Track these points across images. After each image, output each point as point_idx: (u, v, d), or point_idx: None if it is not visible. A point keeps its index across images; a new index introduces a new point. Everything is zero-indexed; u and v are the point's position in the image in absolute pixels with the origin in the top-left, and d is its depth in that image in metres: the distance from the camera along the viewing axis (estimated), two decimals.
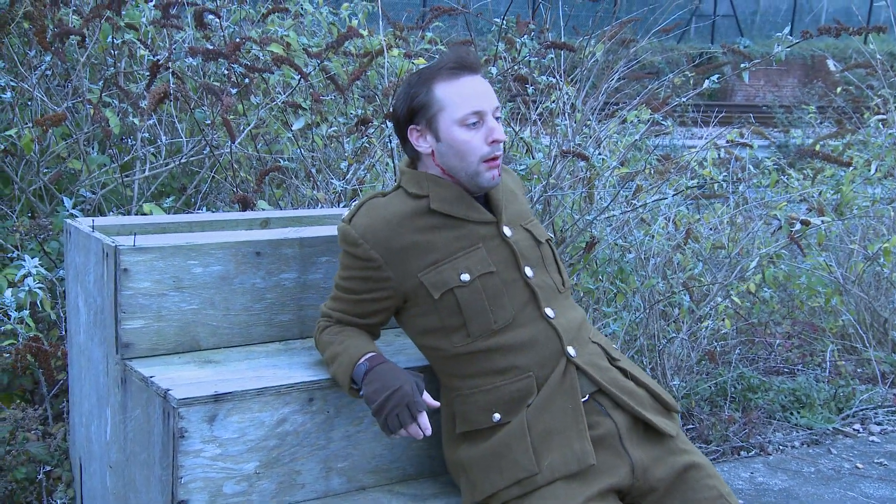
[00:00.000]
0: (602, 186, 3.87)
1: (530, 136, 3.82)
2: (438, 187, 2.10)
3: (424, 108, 2.08)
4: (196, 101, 3.60)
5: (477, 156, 2.06)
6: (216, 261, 2.22)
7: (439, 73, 2.09)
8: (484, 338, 2.04)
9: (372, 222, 2.07)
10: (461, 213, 2.09)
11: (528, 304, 2.07)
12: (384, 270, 2.06)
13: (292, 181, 3.74)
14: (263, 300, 2.30)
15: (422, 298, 2.07)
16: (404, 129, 2.12)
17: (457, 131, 2.06)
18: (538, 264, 2.12)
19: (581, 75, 3.94)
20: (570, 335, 2.08)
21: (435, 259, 2.06)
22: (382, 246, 2.05)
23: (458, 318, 2.05)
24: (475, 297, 2.04)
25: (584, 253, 3.64)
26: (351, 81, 3.41)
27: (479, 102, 2.08)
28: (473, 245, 2.08)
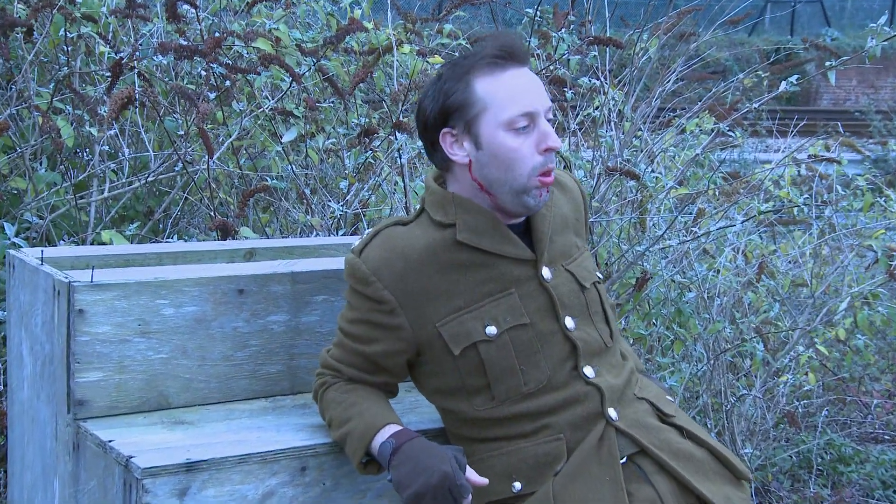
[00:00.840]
0: (656, 211, 3.88)
1: (569, 150, 3.85)
2: (467, 213, 2.10)
3: (463, 107, 2.06)
4: (166, 108, 3.64)
5: (527, 167, 2.05)
6: (190, 300, 2.24)
7: (480, 64, 2.06)
8: (512, 402, 2.05)
9: (387, 256, 2.08)
10: (494, 248, 2.08)
11: (566, 362, 2.07)
12: (397, 316, 2.07)
13: (282, 204, 3.78)
14: (247, 348, 2.32)
15: (439, 352, 2.08)
16: (435, 134, 2.10)
17: (503, 137, 2.04)
18: (581, 314, 2.12)
19: (630, 76, 3.97)
20: (614, 396, 2.09)
21: (457, 306, 2.07)
22: (398, 286, 2.06)
23: (482, 378, 2.06)
24: (503, 355, 2.05)
25: (633, 291, 3.65)
26: (353, 85, 3.45)
27: (530, 101, 2.05)
28: (504, 290, 2.08)
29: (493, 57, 2.06)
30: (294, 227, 3.77)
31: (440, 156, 2.12)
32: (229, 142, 3.61)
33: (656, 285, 3.76)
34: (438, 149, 2.10)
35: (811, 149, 4.35)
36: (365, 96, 4.26)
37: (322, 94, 4.02)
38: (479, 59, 2.06)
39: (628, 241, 3.83)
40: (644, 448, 2.06)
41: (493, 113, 2.04)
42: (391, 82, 3.85)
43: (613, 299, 3.75)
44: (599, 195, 3.66)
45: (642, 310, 3.80)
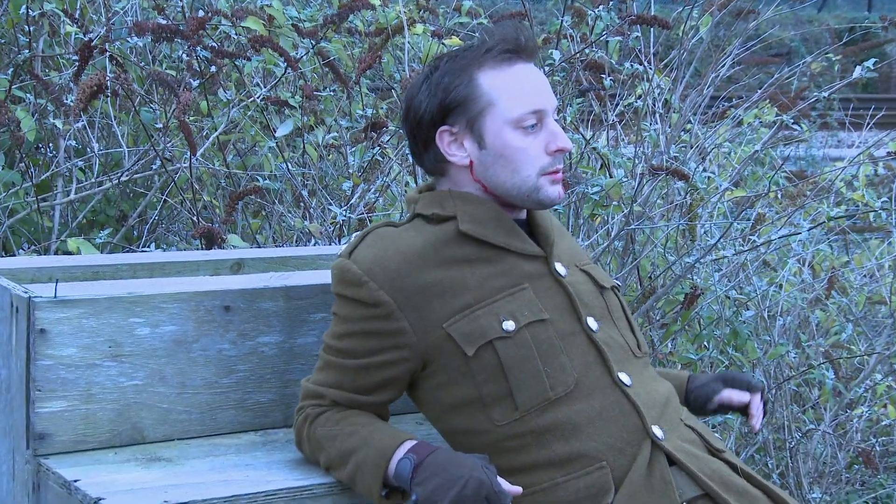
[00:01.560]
0: (708, 216, 3.88)
1: (607, 146, 3.85)
2: (468, 205, 2.17)
3: (466, 103, 2.14)
4: (142, 97, 3.66)
5: (535, 168, 2.14)
6: (169, 318, 2.25)
7: (484, 57, 2.15)
8: (537, 411, 2.06)
9: (381, 255, 2.12)
10: (500, 240, 2.15)
11: (593, 366, 2.10)
12: (397, 319, 2.09)
13: (275, 208, 3.79)
14: (234, 373, 2.33)
15: (449, 359, 2.09)
16: (430, 132, 2.18)
17: (510, 135, 2.13)
18: (604, 316, 2.17)
19: (679, 60, 3.97)
20: (654, 411, 2.10)
21: (467, 302, 2.10)
22: (395, 285, 2.09)
23: (502, 383, 2.07)
24: (524, 355, 2.07)
25: (682, 309, 3.65)
26: (359, 72, 3.46)
27: (539, 99, 2.15)
28: (517, 284, 2.13)
29: (500, 51, 2.14)
30: (289, 235, 3.78)
31: (434, 157, 2.19)
32: (215, 136, 3.62)
33: (708, 302, 3.75)
34: (433, 149, 2.19)
35: (891, 144, 4.33)
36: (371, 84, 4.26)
37: (322, 81, 4.03)
38: (483, 53, 2.15)
39: (676, 252, 3.82)
40: (705, 487, 2.06)
41: (499, 109, 2.13)
42: (402, 68, 3.86)
43: (658, 318, 3.75)
44: (642, 198, 3.66)
45: (692, 331, 3.80)
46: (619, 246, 3.82)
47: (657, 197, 3.89)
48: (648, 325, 3.81)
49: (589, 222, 3.80)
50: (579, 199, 3.64)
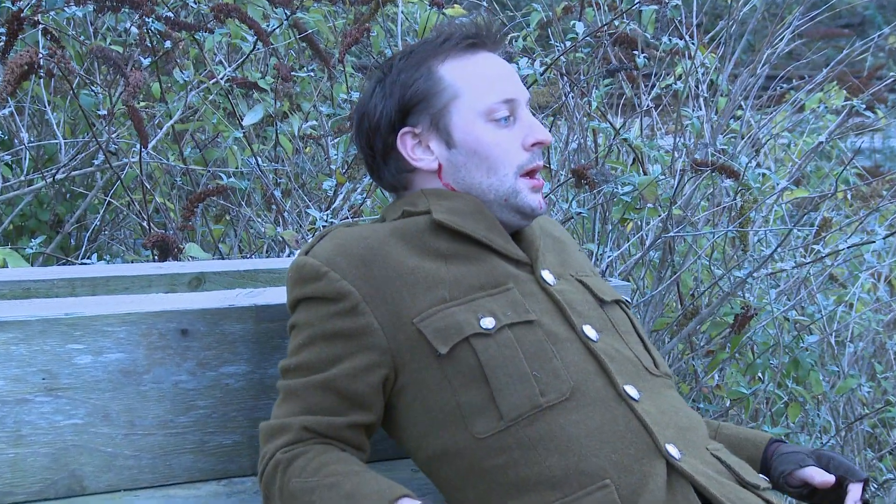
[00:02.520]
0: (762, 221, 3.89)
1: (640, 137, 3.86)
2: (444, 199, 2.25)
3: (427, 97, 2.25)
4: (82, 78, 3.67)
5: (513, 165, 2.26)
6: (115, 344, 2.26)
7: (443, 48, 2.28)
8: (526, 421, 2.09)
9: (343, 243, 2.19)
10: (481, 234, 2.23)
11: (593, 377, 2.14)
12: (362, 314, 2.14)
13: (242, 211, 3.80)
14: (193, 410, 2.33)
15: (421, 361, 2.13)
16: (390, 138, 2.29)
17: (481, 129, 2.25)
18: (605, 328, 2.23)
19: (727, 34, 3.99)
20: (670, 431, 2.12)
21: (440, 297, 2.16)
22: (359, 273, 2.15)
23: (482, 388, 2.10)
24: (507, 355, 2.11)
25: (731, 333, 3.65)
26: (344, 48, 3.47)
27: (510, 87, 2.27)
28: (501, 284, 2.19)
29: (460, 39, 2.27)
30: (259, 244, 3.79)
31: (396, 167, 2.30)
32: (169, 125, 3.63)
33: (763, 325, 3.76)
34: (393, 159, 2.29)
35: None
36: (357, 62, 4.28)
37: (298, 59, 4.05)
38: (441, 44, 2.27)
39: (724, 264, 3.83)
40: None
41: (466, 100, 2.24)
42: (394, 42, 3.88)
43: (703, 344, 3.76)
44: (683, 199, 3.67)
45: (743, 359, 3.80)
46: (655, 257, 3.83)
47: (701, 198, 3.90)
48: (691, 351, 3.82)
49: (619, 229, 3.81)
50: (607, 200, 3.65)
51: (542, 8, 4.02)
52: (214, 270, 2.72)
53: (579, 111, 3.82)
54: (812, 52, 4.67)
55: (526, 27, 3.98)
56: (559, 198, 3.73)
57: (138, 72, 3.20)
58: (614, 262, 3.71)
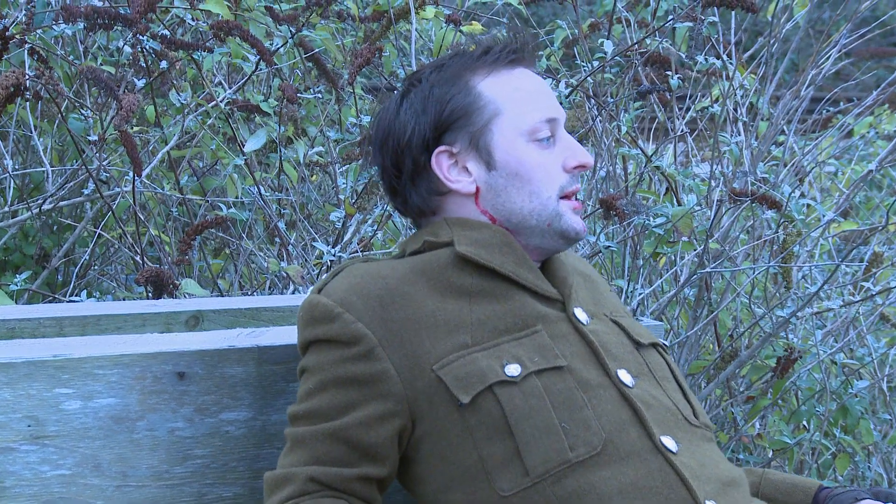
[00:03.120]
0: (807, 256, 3.88)
1: (674, 164, 3.86)
2: (469, 230, 2.26)
3: (468, 114, 2.26)
4: (71, 101, 3.68)
5: (555, 188, 2.27)
6: (106, 389, 2.26)
7: (479, 63, 2.29)
8: (554, 478, 2.08)
9: (358, 282, 2.19)
10: (508, 269, 2.23)
11: (628, 427, 2.14)
12: (379, 360, 2.14)
13: (243, 244, 3.80)
14: (190, 460, 2.33)
15: (440, 411, 2.13)
16: (422, 158, 2.28)
17: (524, 149, 2.27)
18: (641, 373, 2.23)
19: (768, 52, 3.99)
20: (710, 486, 2.12)
21: (462, 342, 2.16)
22: (376, 315, 2.15)
23: (507, 441, 2.10)
24: (534, 405, 2.11)
25: (773, 378, 3.64)
26: (354, 69, 3.47)
27: (552, 105, 2.30)
28: (528, 327, 2.19)
29: (497, 54, 2.29)
30: (261, 280, 3.79)
31: (426, 189, 2.30)
32: (165, 151, 3.64)
33: (808, 369, 3.75)
34: (425, 181, 2.29)
35: None
36: (368, 83, 4.29)
37: (304, 80, 4.05)
38: (476, 59, 2.29)
39: (765, 302, 3.82)
40: None
41: (509, 118, 2.26)
42: (407, 62, 3.89)
43: (742, 389, 3.74)
44: (721, 232, 3.67)
45: (787, 406, 3.79)
46: (690, 294, 3.82)
47: (740, 231, 3.90)
48: (729, 397, 3.81)
49: (651, 263, 3.81)
50: (638, 233, 3.65)
51: (566, 25, 4.03)
52: (213, 308, 2.72)
53: (608, 136, 3.82)
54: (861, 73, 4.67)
55: (550, 46, 3.99)
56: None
57: (132, 94, 3.21)
58: (646, 300, 3.70)
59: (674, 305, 3.84)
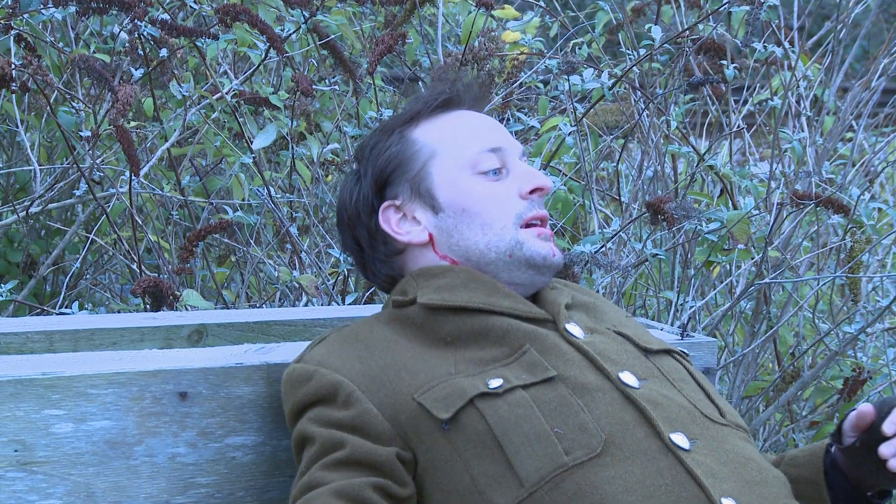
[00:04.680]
0: (878, 266, 3.87)
1: (729, 163, 3.85)
2: (432, 278, 2.35)
3: (402, 163, 2.39)
4: (61, 93, 3.69)
5: (510, 215, 2.36)
6: (101, 410, 2.27)
7: (414, 117, 2.42)
8: (551, 484, 2.13)
9: (336, 347, 2.29)
10: (479, 301, 2.30)
11: (633, 427, 2.18)
12: (359, 401, 2.21)
13: (251, 252, 3.80)
14: (193, 489, 2.34)
15: (428, 440, 2.19)
16: (372, 220, 2.41)
17: (468, 182, 2.37)
18: (651, 375, 2.28)
19: (836, 39, 3.98)
20: (728, 484, 2.15)
21: (445, 372, 2.23)
22: (354, 369, 2.24)
23: (496, 455, 2.15)
24: (520, 413, 2.17)
25: (840, 400, 3.64)
26: (375, 58, 3.47)
27: (496, 135, 2.41)
28: (516, 351, 2.26)
29: (431, 100, 2.42)
30: (271, 290, 3.80)
31: (385, 252, 2.42)
32: (165, 148, 3.65)
33: (879, 391, 3.74)
34: (381, 242, 2.41)
35: None
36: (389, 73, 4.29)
37: (318, 70, 4.06)
38: (410, 111, 2.42)
39: (831, 317, 3.82)
40: None
41: (446, 156, 2.38)
42: (432, 49, 3.90)
43: (805, 414, 3.74)
44: (781, 239, 3.67)
45: None
46: (747, 308, 3.82)
47: (803, 237, 3.90)
48: (790, 422, 3.81)
49: (703, 273, 3.81)
50: (689, 239, 3.65)
51: (609, 8, 4.03)
52: (218, 322, 2.74)
53: (655, 132, 3.82)
54: None
55: (591, 31, 3.99)
56: (631, 237, 3.73)
57: (128, 85, 3.21)
58: (698, 314, 3.70)
59: (729, 320, 3.84)
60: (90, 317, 2.78)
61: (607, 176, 4.43)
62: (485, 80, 3.38)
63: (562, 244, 3.65)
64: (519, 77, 3.74)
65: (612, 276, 3.58)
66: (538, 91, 4.07)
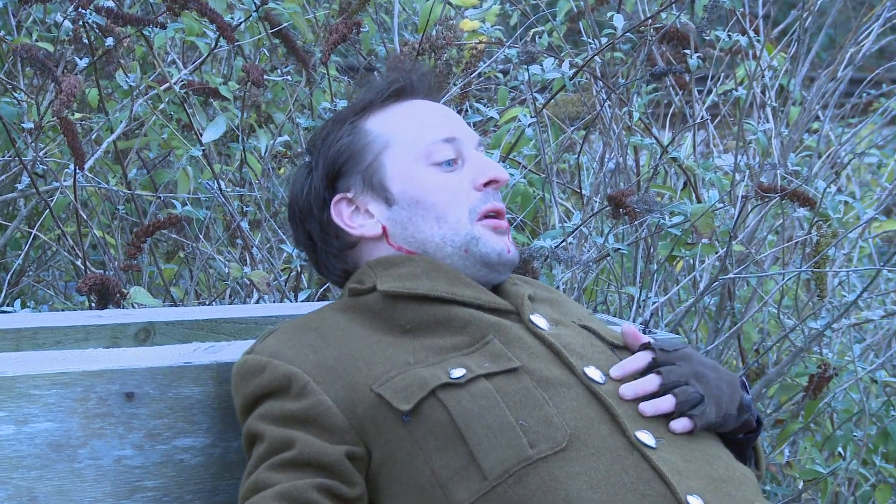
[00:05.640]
0: (844, 260, 3.88)
1: (692, 155, 3.86)
2: (392, 267, 2.36)
3: (355, 154, 2.40)
4: (2, 84, 3.67)
5: (464, 208, 2.37)
6: (44, 412, 2.25)
7: (367, 107, 2.43)
8: (515, 478, 2.13)
9: (289, 337, 2.29)
10: (442, 291, 2.31)
11: (598, 424, 2.20)
12: (314, 392, 2.20)
13: (200, 247, 3.80)
14: (140, 492, 2.33)
15: (387, 432, 2.19)
16: (324, 214, 2.42)
17: (422, 173, 2.38)
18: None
19: (801, 27, 3.99)
20: (695, 482, 2.16)
21: (405, 361, 2.23)
22: (309, 360, 2.23)
23: (459, 447, 2.16)
24: (484, 405, 2.17)
25: (805, 398, 3.64)
26: (329, 47, 3.46)
27: (450, 124, 2.43)
28: (478, 341, 2.27)
29: (383, 89, 2.44)
30: (221, 287, 3.79)
31: (338, 246, 2.43)
32: (110, 140, 3.63)
33: (845, 388, 3.75)
34: (334, 236, 2.42)
35: None
36: (343, 63, 4.28)
37: (270, 59, 4.05)
38: (362, 101, 2.44)
39: (796, 312, 3.82)
40: None
41: (399, 147, 2.39)
42: (388, 38, 3.89)
43: (770, 412, 3.74)
44: (746, 232, 3.67)
45: (820, 430, 3.79)
46: (711, 303, 3.82)
47: (768, 231, 3.90)
48: None
49: (666, 268, 3.81)
50: (652, 234, 3.65)
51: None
52: (166, 320, 2.73)
53: (617, 124, 3.82)
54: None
55: (552, 20, 3.99)
56: (592, 231, 3.72)
57: (72, 75, 3.20)
58: (661, 310, 3.70)
59: (692, 316, 3.84)
60: (33, 315, 2.76)
61: (568, 168, 4.43)
62: (441, 70, 3.35)
63: (521, 239, 3.65)
64: (477, 67, 3.72)
65: (573, 271, 3.58)
66: (497, 81, 4.06)
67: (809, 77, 4.02)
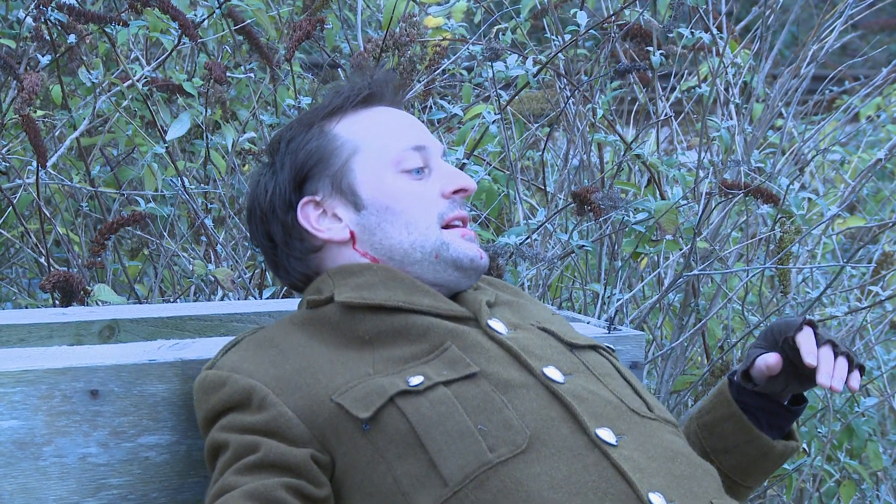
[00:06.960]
0: (808, 257, 3.90)
1: (656, 152, 3.87)
2: (350, 276, 2.38)
3: (324, 158, 2.42)
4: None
5: (433, 215, 2.41)
6: (7, 409, 2.26)
7: (335, 110, 2.45)
8: (476, 483, 2.16)
9: (249, 354, 2.31)
10: (399, 300, 2.34)
11: (558, 424, 2.22)
12: (273, 404, 2.22)
13: (164, 244, 3.79)
14: (105, 490, 2.34)
15: (348, 442, 2.21)
16: (289, 216, 2.43)
17: (392, 180, 2.41)
18: (576, 370, 2.34)
19: (764, 26, 4.00)
20: (657, 479, 2.19)
21: (364, 372, 2.25)
22: (268, 373, 2.26)
23: (419, 455, 2.18)
24: (443, 411, 2.20)
25: None
26: (293, 44, 3.46)
27: (418, 133, 2.46)
28: (436, 349, 2.29)
29: (352, 94, 2.46)
30: (185, 285, 3.79)
31: (301, 249, 2.44)
32: (73, 137, 3.63)
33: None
34: (297, 239, 2.43)
35: None
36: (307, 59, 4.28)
37: (234, 56, 4.05)
38: (330, 105, 2.45)
39: (760, 309, 3.84)
40: None
41: (370, 152, 2.42)
42: (352, 35, 3.89)
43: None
44: (709, 229, 3.69)
45: None
46: (675, 300, 3.84)
47: (732, 228, 3.92)
48: None
49: (630, 265, 3.82)
50: (616, 231, 3.66)
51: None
52: (130, 318, 2.74)
53: (581, 120, 3.83)
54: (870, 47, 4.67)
55: (516, 17, 3.99)
56: (556, 228, 3.74)
57: (34, 72, 3.20)
58: (625, 307, 3.72)
59: (657, 313, 3.86)
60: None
61: (532, 165, 4.44)
62: (404, 72, 3.38)
63: (486, 235, 3.66)
64: (441, 64, 3.74)
65: (537, 268, 3.59)
66: (462, 78, 4.08)
67: (772, 74, 4.04)
